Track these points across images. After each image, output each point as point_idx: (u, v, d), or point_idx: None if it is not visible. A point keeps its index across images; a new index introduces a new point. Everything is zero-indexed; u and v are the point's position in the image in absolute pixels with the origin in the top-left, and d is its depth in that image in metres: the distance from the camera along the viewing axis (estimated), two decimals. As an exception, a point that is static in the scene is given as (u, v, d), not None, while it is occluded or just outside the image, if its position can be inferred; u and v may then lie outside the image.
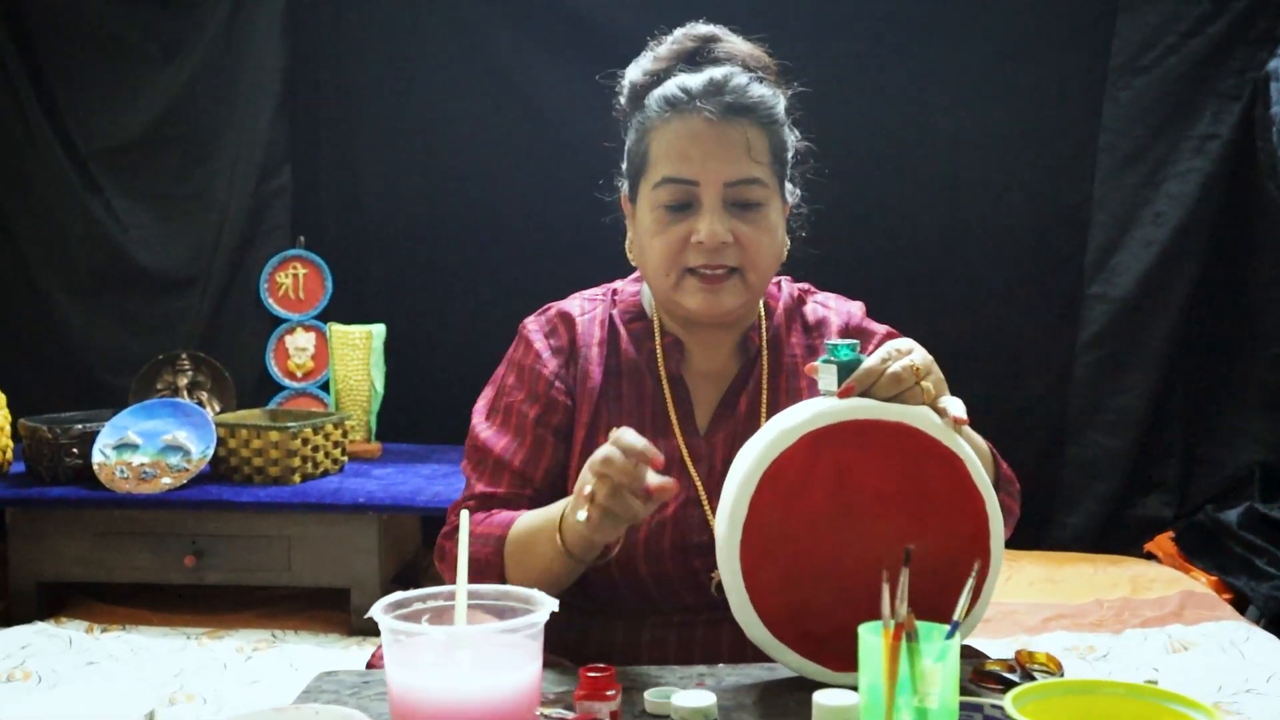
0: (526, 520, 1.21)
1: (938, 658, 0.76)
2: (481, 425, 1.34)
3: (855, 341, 1.10)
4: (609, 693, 0.99)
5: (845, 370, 1.07)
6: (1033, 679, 1.15)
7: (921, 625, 0.81)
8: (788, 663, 1.07)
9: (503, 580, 1.20)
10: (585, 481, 1.06)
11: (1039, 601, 2.58)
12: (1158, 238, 3.07)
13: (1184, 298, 3.08)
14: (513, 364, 1.35)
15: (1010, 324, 3.19)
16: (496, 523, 1.24)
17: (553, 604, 0.98)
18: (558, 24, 3.13)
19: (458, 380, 3.13)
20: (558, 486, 1.31)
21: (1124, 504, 3.14)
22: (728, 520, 1.05)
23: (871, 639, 0.78)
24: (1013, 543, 3.08)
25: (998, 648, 1.90)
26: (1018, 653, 1.15)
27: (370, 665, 1.31)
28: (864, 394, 1.06)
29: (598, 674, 0.99)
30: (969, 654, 1.24)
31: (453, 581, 1.23)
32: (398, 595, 1.02)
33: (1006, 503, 1.25)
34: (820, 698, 0.93)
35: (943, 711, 0.77)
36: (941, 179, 3.18)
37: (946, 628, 0.80)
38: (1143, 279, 3.08)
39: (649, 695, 1.03)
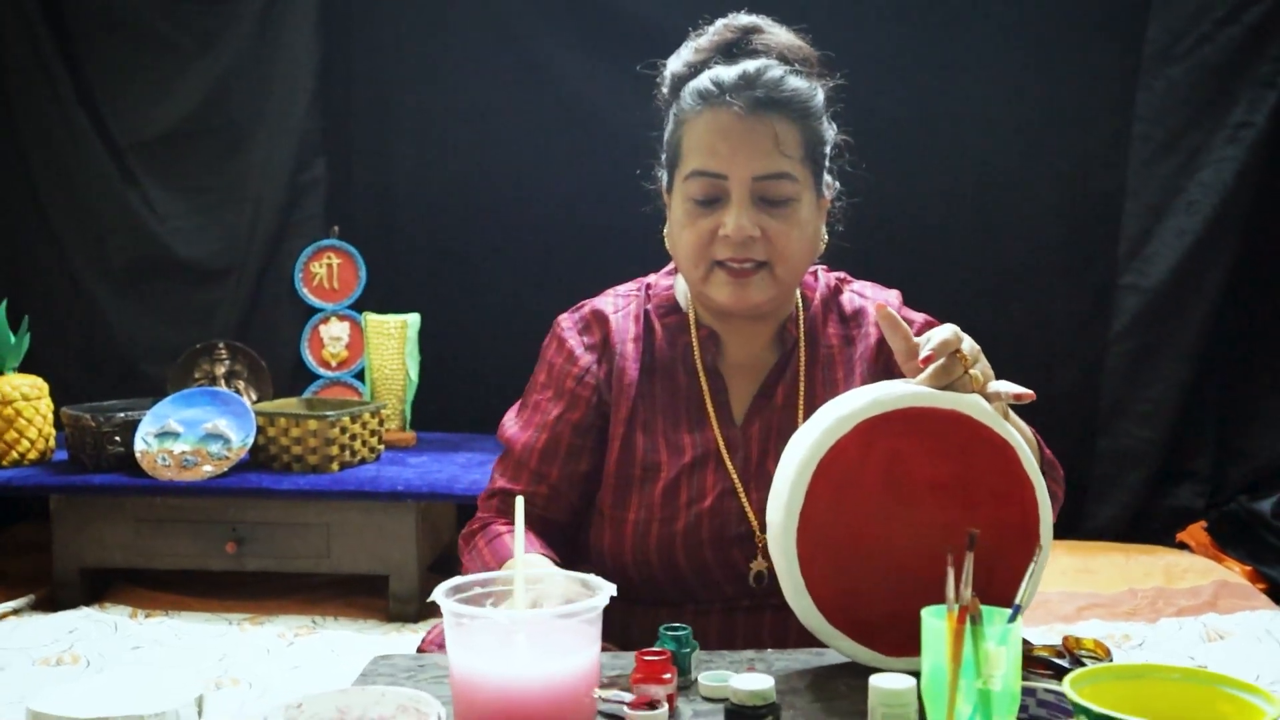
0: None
1: (1000, 641, 0.78)
2: (509, 419, 1.39)
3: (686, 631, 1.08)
4: (665, 675, 1.00)
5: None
6: (1081, 664, 1.16)
7: (983, 609, 0.82)
8: (841, 648, 1.08)
9: None
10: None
11: (1073, 591, 2.58)
12: (1191, 227, 3.06)
13: (1218, 287, 3.06)
14: (544, 361, 1.38)
15: (1042, 314, 3.18)
16: (497, 550, 1.29)
17: (611, 589, 1.00)
18: (590, 16, 3.14)
19: (490, 370, 3.16)
20: (581, 481, 1.34)
21: (1156, 494, 3.14)
22: (784, 508, 1.06)
23: (935, 622, 0.80)
24: (1045, 532, 3.06)
25: (1035, 636, 1.91)
26: (1065, 638, 1.16)
27: (420, 650, 1.33)
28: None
29: (654, 657, 1.01)
30: (1014, 640, 1.25)
31: (472, 571, 1.27)
32: (457, 580, 1.04)
33: (1052, 488, 1.25)
34: (877, 681, 0.94)
35: (1005, 694, 0.78)
36: (973, 169, 3.18)
37: (1008, 611, 0.82)
38: (1176, 269, 3.07)
39: (703, 679, 1.04)
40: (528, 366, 1.41)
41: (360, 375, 3.23)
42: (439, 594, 1.00)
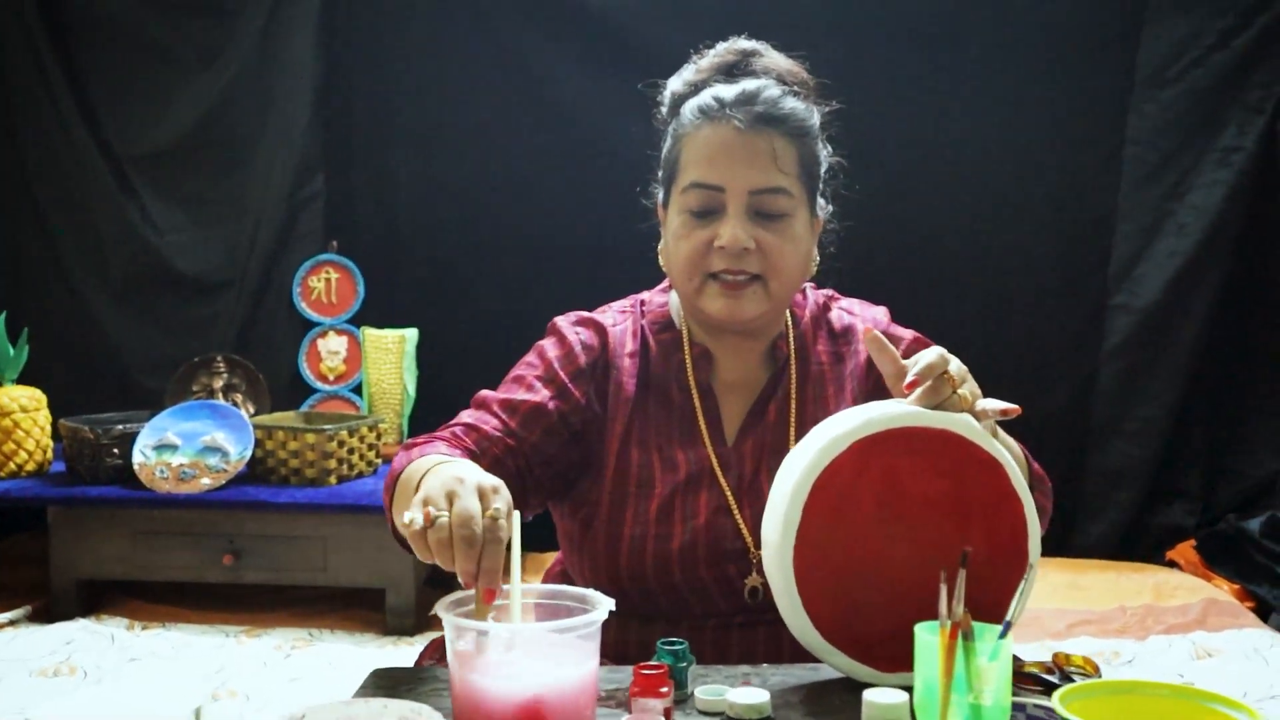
0: (419, 466, 1.14)
1: (991, 656, 0.80)
2: (487, 391, 1.34)
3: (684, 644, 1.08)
4: (663, 689, 1.02)
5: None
6: (1071, 680, 1.18)
7: (975, 625, 0.84)
8: (838, 665, 1.10)
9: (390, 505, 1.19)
10: (440, 506, 0.99)
11: (1063, 607, 2.61)
12: (1181, 248, 3.10)
13: (1207, 308, 3.11)
14: (537, 351, 1.36)
15: (1035, 334, 3.22)
16: (424, 451, 1.20)
17: (610, 604, 1.02)
18: (590, 34, 3.18)
19: (487, 385, 3.17)
20: (545, 464, 1.29)
21: (1146, 512, 3.17)
22: (780, 527, 1.08)
23: (928, 638, 0.82)
24: (1035, 549, 3.08)
25: (1026, 652, 1.93)
26: (1055, 655, 1.18)
27: (418, 663, 1.34)
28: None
29: (652, 671, 1.02)
30: (1005, 657, 1.27)
31: (398, 468, 1.20)
32: (459, 594, 1.06)
33: (1041, 501, 1.27)
34: (871, 695, 0.96)
35: (996, 709, 0.80)
36: (967, 191, 3.22)
37: (999, 628, 0.84)
38: (1166, 289, 3.11)
39: (699, 693, 1.06)
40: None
41: (357, 389, 3.25)
42: (440, 607, 1.01)
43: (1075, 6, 3.16)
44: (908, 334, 1.40)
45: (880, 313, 1.43)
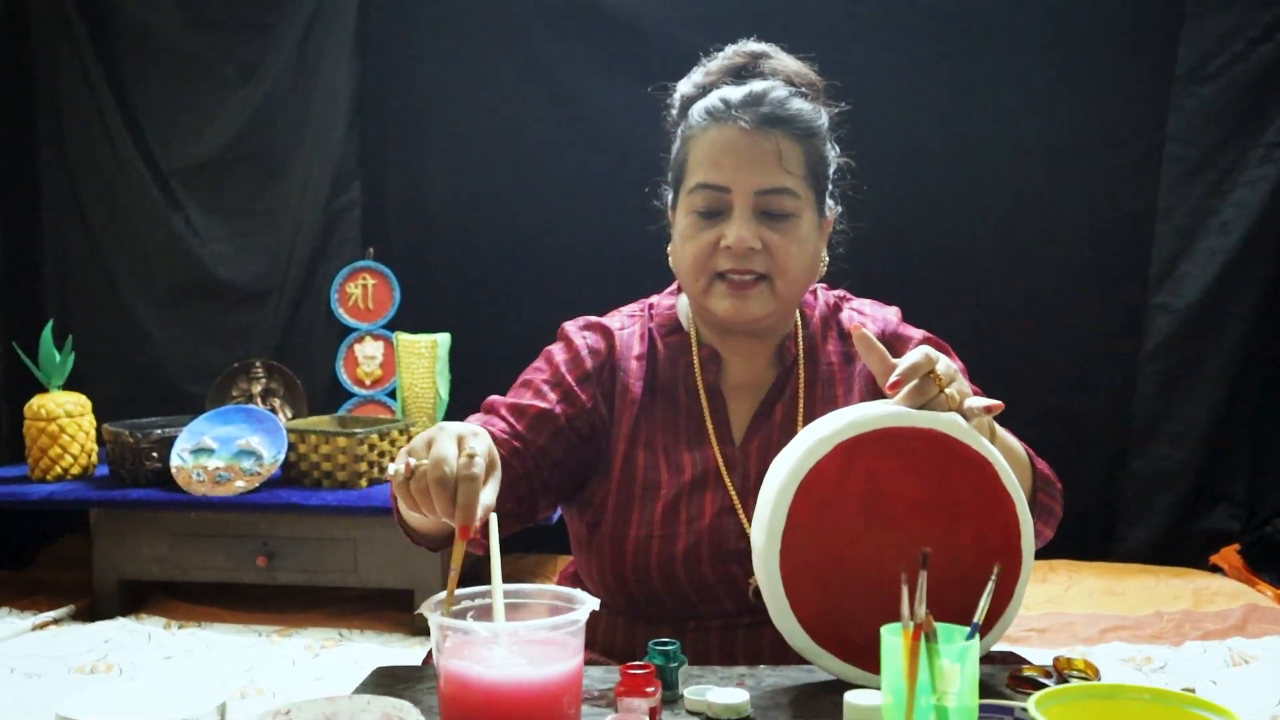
0: None
1: (957, 658, 0.79)
2: (496, 396, 1.35)
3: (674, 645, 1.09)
4: (649, 689, 1.02)
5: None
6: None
7: (942, 627, 0.83)
8: (827, 667, 1.09)
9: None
10: (423, 455, 1.01)
11: (1098, 612, 2.56)
12: (1224, 247, 3.03)
13: (1251, 308, 3.03)
14: (546, 357, 1.37)
15: (1073, 335, 3.16)
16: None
17: (594, 603, 1.02)
18: (620, 44, 3.19)
19: (520, 389, 3.20)
20: (551, 468, 1.29)
21: (1190, 517, 3.10)
22: (766, 530, 1.07)
23: (892, 640, 0.81)
24: (1074, 553, 3.05)
25: (1045, 658, 1.89)
26: (1056, 659, 1.16)
27: (426, 662, 1.36)
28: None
29: (638, 671, 1.03)
30: (1010, 660, 1.25)
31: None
32: (445, 594, 1.07)
33: (1047, 503, 1.25)
34: (851, 697, 0.96)
35: (961, 711, 0.79)
36: (1004, 190, 3.18)
37: (966, 629, 0.83)
38: (1208, 289, 3.04)
39: (688, 693, 1.06)
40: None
41: (393, 394, 3.29)
42: (427, 607, 1.03)
43: (1113, 0, 3.11)
44: (917, 334, 1.38)
45: (892, 313, 1.42)
